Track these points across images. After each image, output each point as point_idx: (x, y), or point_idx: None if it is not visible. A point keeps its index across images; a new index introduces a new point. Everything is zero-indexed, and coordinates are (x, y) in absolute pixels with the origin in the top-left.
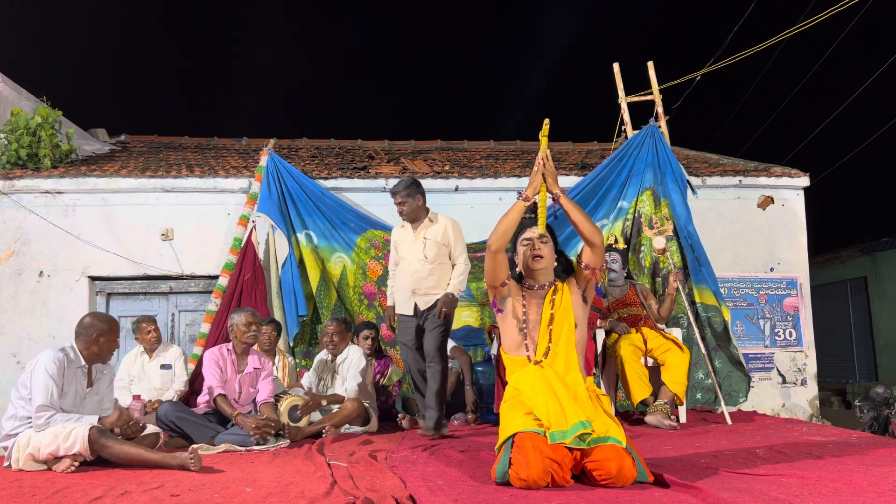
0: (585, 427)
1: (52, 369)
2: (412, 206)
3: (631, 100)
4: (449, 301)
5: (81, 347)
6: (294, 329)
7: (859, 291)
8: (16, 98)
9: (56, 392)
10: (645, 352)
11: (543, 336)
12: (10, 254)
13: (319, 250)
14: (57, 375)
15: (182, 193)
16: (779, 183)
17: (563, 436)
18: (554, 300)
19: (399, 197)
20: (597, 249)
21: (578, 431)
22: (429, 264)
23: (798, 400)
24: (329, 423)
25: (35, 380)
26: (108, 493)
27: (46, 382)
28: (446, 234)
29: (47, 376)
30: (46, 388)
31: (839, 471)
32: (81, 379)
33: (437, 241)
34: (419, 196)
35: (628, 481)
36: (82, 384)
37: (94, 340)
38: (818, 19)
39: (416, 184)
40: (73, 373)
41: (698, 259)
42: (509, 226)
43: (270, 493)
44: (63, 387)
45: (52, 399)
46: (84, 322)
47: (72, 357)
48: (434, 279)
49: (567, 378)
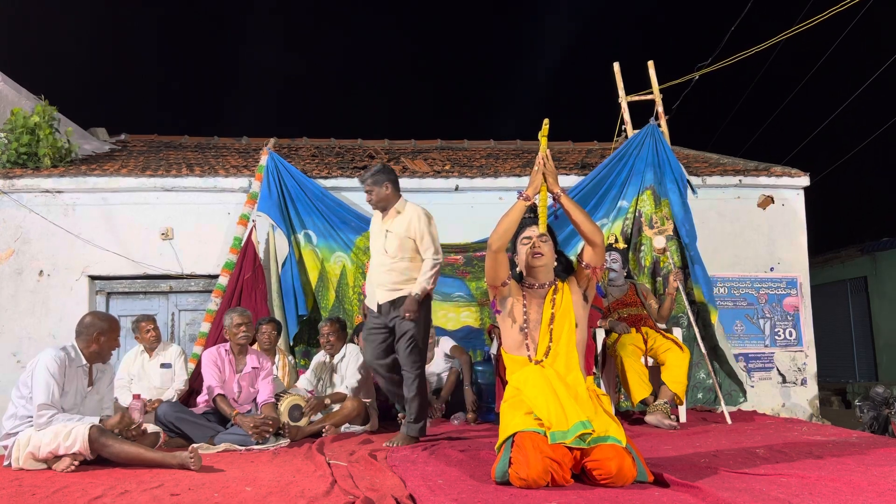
0: (586, 427)
1: (54, 368)
2: (380, 195)
3: (631, 99)
4: (411, 303)
5: (82, 346)
6: (294, 329)
7: (859, 291)
8: (15, 97)
9: (57, 391)
10: (645, 351)
11: (544, 335)
12: (10, 253)
13: (319, 250)
14: (58, 374)
15: (182, 193)
16: (779, 182)
17: (564, 436)
18: (555, 299)
19: (366, 185)
20: (597, 249)
21: (579, 431)
22: (389, 258)
23: (798, 400)
24: (329, 423)
25: (36, 378)
26: (108, 492)
27: (48, 381)
28: (410, 226)
29: (48, 375)
30: (48, 387)
31: (839, 470)
32: (82, 378)
33: (399, 233)
34: (387, 183)
35: (628, 481)
36: (83, 383)
37: (95, 339)
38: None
39: (384, 171)
40: (74, 372)
41: (692, 258)
42: (510, 225)
43: (270, 493)
44: (64, 386)
45: (53, 398)
46: (85, 321)
47: (73, 356)
48: (396, 274)
49: (568, 378)
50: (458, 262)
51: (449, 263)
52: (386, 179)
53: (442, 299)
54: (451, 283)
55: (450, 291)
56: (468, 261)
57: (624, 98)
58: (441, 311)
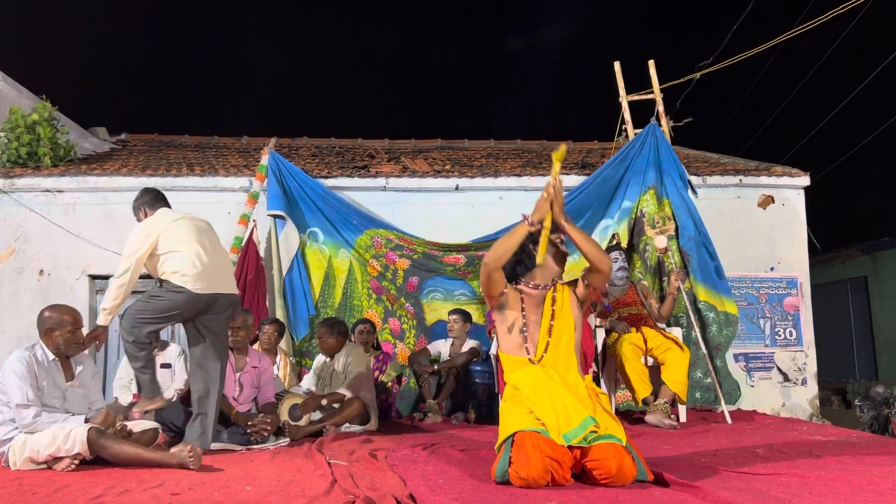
0: (595, 423)
1: (20, 369)
2: (137, 217)
3: (632, 98)
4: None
5: (44, 342)
6: (305, 330)
7: (859, 291)
8: (16, 96)
9: (30, 391)
10: (645, 351)
11: (543, 336)
12: (11, 252)
13: (326, 247)
14: (26, 374)
15: (182, 192)
16: (779, 182)
17: (576, 433)
18: (555, 298)
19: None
20: (604, 276)
21: (590, 426)
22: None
23: (798, 399)
24: (329, 422)
25: (7, 383)
26: (108, 491)
27: (18, 383)
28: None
29: (16, 377)
30: (20, 389)
31: (839, 470)
32: (57, 374)
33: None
34: (141, 208)
35: (628, 480)
36: (60, 379)
37: (47, 334)
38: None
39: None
40: (46, 368)
41: (710, 254)
42: (509, 248)
43: (270, 492)
44: (38, 384)
45: (27, 398)
46: (40, 317)
47: (39, 354)
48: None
49: (567, 378)
50: (459, 262)
51: (451, 263)
52: (139, 204)
53: (445, 298)
54: (453, 282)
55: (453, 290)
56: (470, 260)
57: (624, 97)
58: (445, 309)
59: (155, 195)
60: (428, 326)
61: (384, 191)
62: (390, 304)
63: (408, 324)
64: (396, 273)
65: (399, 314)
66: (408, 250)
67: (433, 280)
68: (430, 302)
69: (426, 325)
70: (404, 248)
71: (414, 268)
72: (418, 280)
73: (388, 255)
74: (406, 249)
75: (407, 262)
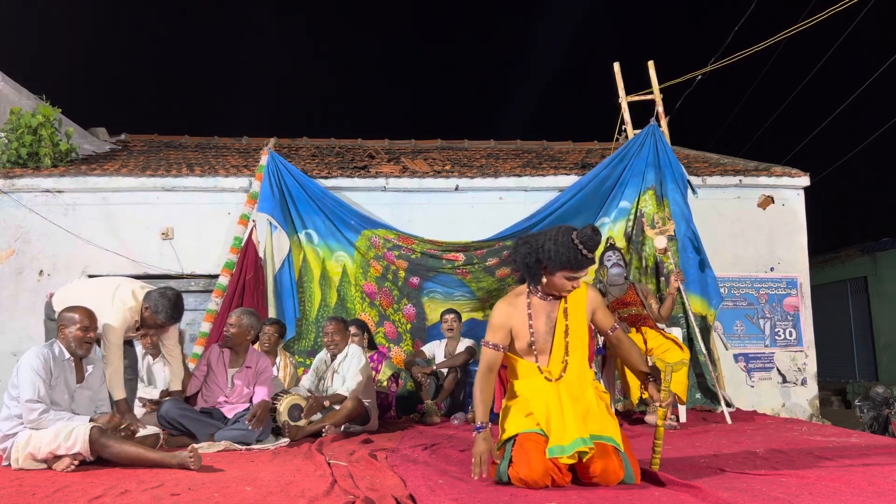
0: (586, 444)
1: (37, 365)
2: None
3: (631, 99)
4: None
5: (60, 340)
6: (291, 332)
7: (859, 291)
8: (16, 97)
9: (43, 388)
10: (645, 351)
11: (559, 347)
12: (11, 253)
13: (319, 249)
14: (42, 371)
15: (182, 192)
16: (779, 183)
17: (563, 451)
18: (567, 309)
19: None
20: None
21: (578, 448)
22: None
23: (798, 400)
24: (329, 423)
25: (21, 377)
26: (108, 491)
27: (32, 379)
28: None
29: (32, 372)
30: (33, 385)
31: (839, 470)
32: (69, 373)
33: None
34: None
35: (612, 482)
36: (71, 378)
37: (61, 332)
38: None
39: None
40: (61, 367)
41: (702, 261)
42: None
43: (270, 493)
44: (52, 382)
45: (39, 394)
46: (59, 314)
47: (56, 352)
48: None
49: (578, 391)
50: (458, 259)
51: (450, 261)
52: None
53: (444, 298)
54: (452, 282)
55: (452, 291)
56: (469, 259)
57: (624, 98)
58: (445, 308)
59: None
60: (427, 328)
61: (384, 191)
62: (384, 308)
63: (403, 328)
64: (397, 274)
65: (394, 319)
66: (406, 250)
67: (432, 282)
68: (430, 301)
69: (426, 326)
70: (402, 247)
71: (413, 268)
72: (419, 280)
73: (386, 255)
74: (404, 249)
75: (405, 262)
